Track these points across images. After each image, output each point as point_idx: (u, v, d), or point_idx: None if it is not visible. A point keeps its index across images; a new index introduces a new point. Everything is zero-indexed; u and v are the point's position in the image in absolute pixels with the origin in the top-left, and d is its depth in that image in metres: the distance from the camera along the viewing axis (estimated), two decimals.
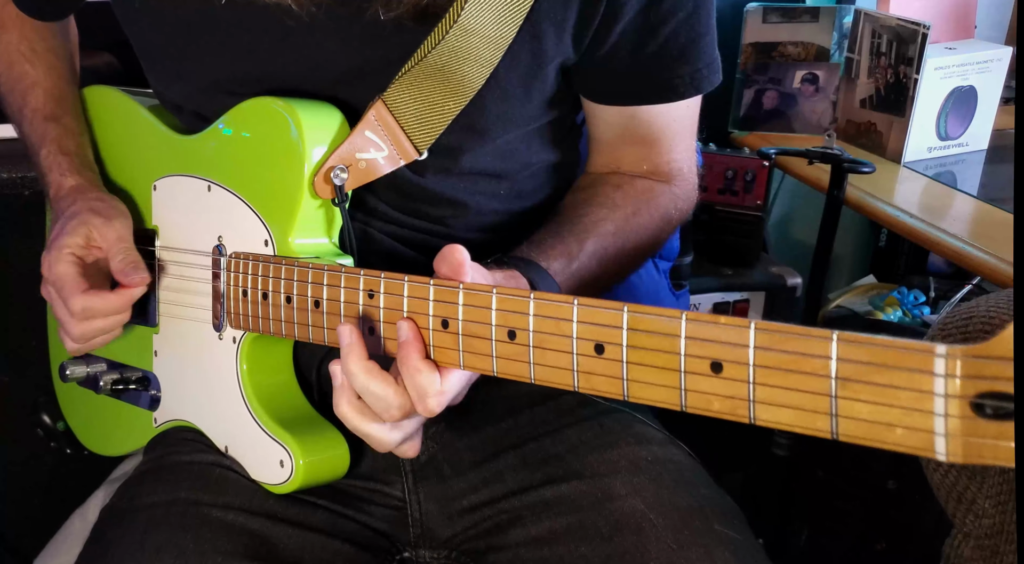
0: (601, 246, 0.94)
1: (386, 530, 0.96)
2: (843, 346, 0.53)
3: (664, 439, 0.96)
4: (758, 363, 0.56)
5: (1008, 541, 1.18)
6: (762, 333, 0.56)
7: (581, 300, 0.65)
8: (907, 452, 0.51)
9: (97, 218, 0.96)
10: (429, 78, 0.87)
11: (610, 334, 0.63)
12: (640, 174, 1.01)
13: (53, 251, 0.95)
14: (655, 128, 0.99)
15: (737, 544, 0.83)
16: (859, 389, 0.53)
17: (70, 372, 1.05)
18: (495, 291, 0.69)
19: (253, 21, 0.88)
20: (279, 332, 0.87)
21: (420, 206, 0.96)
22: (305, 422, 0.93)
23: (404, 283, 0.75)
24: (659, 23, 0.91)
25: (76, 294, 0.93)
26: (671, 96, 0.97)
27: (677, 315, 0.60)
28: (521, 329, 0.68)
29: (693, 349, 0.59)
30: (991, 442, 0.48)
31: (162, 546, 0.84)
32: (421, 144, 0.89)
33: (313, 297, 0.82)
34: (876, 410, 0.52)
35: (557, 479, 0.90)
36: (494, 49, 0.86)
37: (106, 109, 1.10)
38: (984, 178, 1.84)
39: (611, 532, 0.84)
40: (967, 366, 0.49)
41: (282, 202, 0.89)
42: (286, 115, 0.87)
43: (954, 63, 1.80)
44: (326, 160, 0.87)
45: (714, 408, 0.59)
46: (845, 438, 0.54)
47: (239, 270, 0.91)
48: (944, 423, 0.49)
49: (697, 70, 0.96)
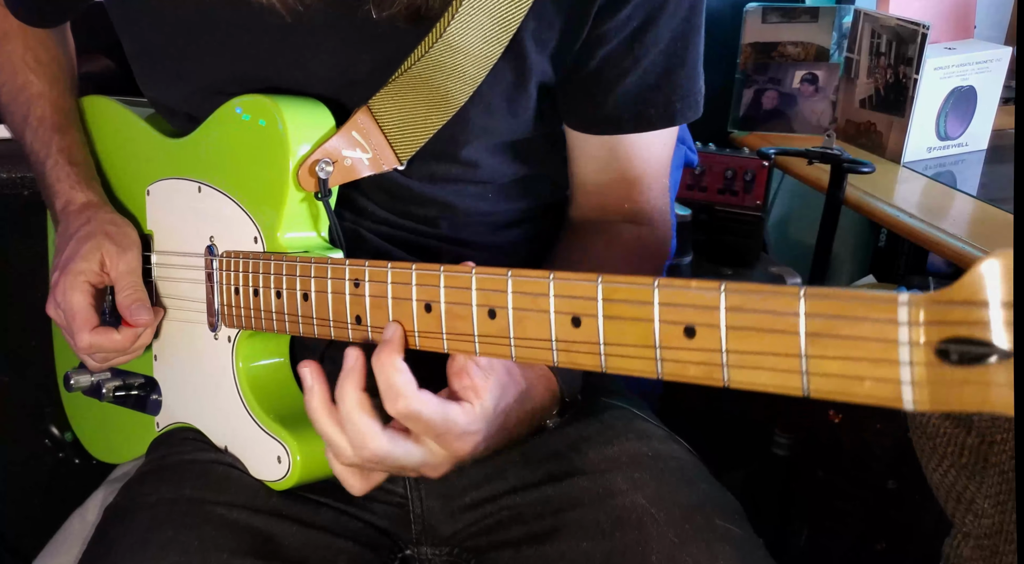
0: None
1: (388, 528, 0.96)
2: (810, 301, 0.53)
3: (665, 435, 0.96)
4: (730, 324, 0.56)
5: (1008, 541, 1.18)
6: (733, 294, 0.56)
7: (557, 274, 0.65)
8: (876, 403, 0.50)
9: (111, 245, 0.96)
10: (413, 90, 0.87)
11: (586, 306, 0.63)
12: (624, 216, 1.01)
13: (68, 276, 0.95)
14: (635, 163, 0.99)
15: (738, 539, 0.84)
16: (828, 344, 0.52)
17: (74, 382, 1.05)
18: (474, 271, 0.69)
19: (252, 22, 0.88)
20: (271, 327, 0.87)
21: (409, 207, 0.96)
22: (302, 418, 0.93)
23: (387, 270, 0.75)
24: (642, 53, 0.92)
25: (84, 331, 0.94)
26: (645, 126, 0.97)
27: (649, 282, 0.60)
28: (500, 307, 0.68)
29: (666, 315, 0.59)
30: (957, 388, 0.47)
31: (166, 544, 0.84)
32: (403, 154, 0.90)
33: (302, 290, 0.83)
34: (845, 364, 0.52)
35: (559, 476, 0.90)
36: (479, 67, 0.87)
37: (102, 119, 1.11)
38: (984, 178, 1.84)
39: (612, 528, 0.84)
40: (930, 312, 0.48)
41: (269, 198, 0.89)
42: (271, 108, 0.87)
43: (954, 63, 1.80)
44: (312, 153, 0.87)
45: (689, 374, 0.59)
46: (816, 395, 0.53)
47: (230, 269, 0.91)
48: (910, 371, 0.49)
49: (671, 102, 0.96)
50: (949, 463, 1.25)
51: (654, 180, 1.02)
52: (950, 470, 1.25)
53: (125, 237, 0.98)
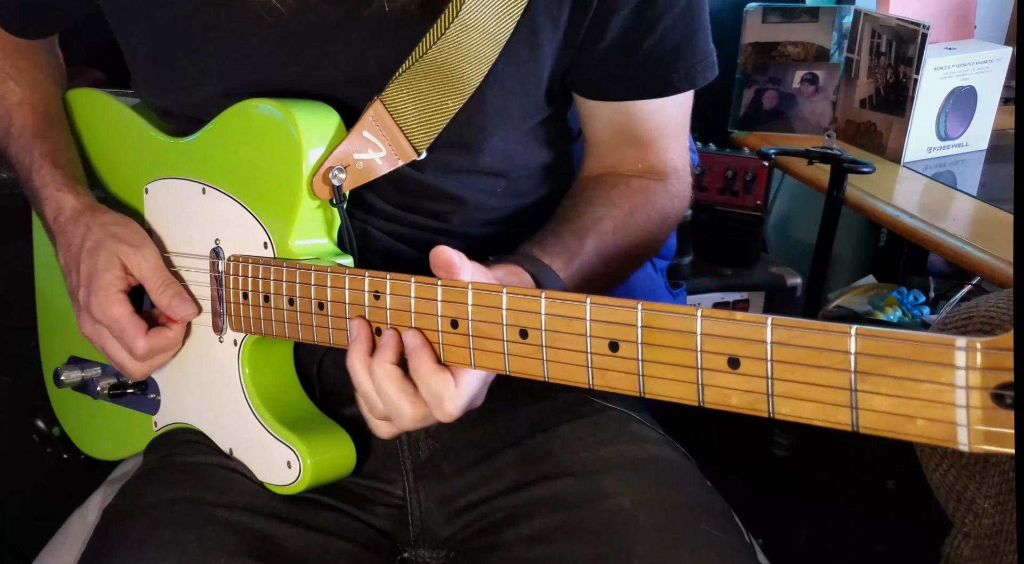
0: (602, 243, 0.94)
1: (388, 530, 0.96)
2: (862, 340, 0.54)
3: (659, 438, 0.96)
4: (776, 358, 0.57)
5: (1008, 541, 1.18)
6: (779, 329, 0.57)
7: (594, 298, 0.65)
8: (928, 442, 0.52)
9: (124, 246, 0.94)
10: (428, 77, 0.86)
11: (624, 332, 0.64)
12: (636, 173, 1.01)
13: (99, 293, 0.93)
14: (650, 126, 0.99)
15: (723, 544, 0.84)
16: (878, 382, 0.53)
17: (64, 377, 1.04)
18: (505, 290, 0.69)
19: (251, 23, 0.87)
20: (282, 334, 0.87)
21: (419, 202, 0.96)
22: (309, 422, 0.93)
23: (411, 284, 0.75)
24: (656, 18, 0.92)
25: (139, 337, 0.93)
26: (667, 90, 0.97)
27: (692, 312, 0.61)
28: (533, 328, 0.68)
29: (709, 345, 0.60)
30: (1011, 431, 0.49)
31: (165, 544, 0.84)
32: (420, 144, 0.89)
33: (317, 299, 0.82)
34: (896, 402, 0.53)
35: (551, 476, 0.90)
36: (492, 45, 0.86)
37: (90, 111, 1.09)
38: (984, 178, 1.84)
39: (600, 530, 0.84)
40: (987, 358, 0.50)
41: (281, 204, 0.88)
42: (283, 116, 0.87)
43: (954, 63, 1.80)
44: (324, 161, 0.86)
45: (732, 403, 0.60)
46: (866, 430, 0.55)
47: (239, 273, 0.90)
48: (966, 414, 0.51)
49: (692, 65, 0.96)
50: (949, 463, 1.25)
51: (671, 140, 1.01)
52: (950, 470, 1.25)
53: (134, 234, 0.96)
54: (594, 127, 1.01)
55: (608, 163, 1.02)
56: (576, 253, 0.91)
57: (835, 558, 1.78)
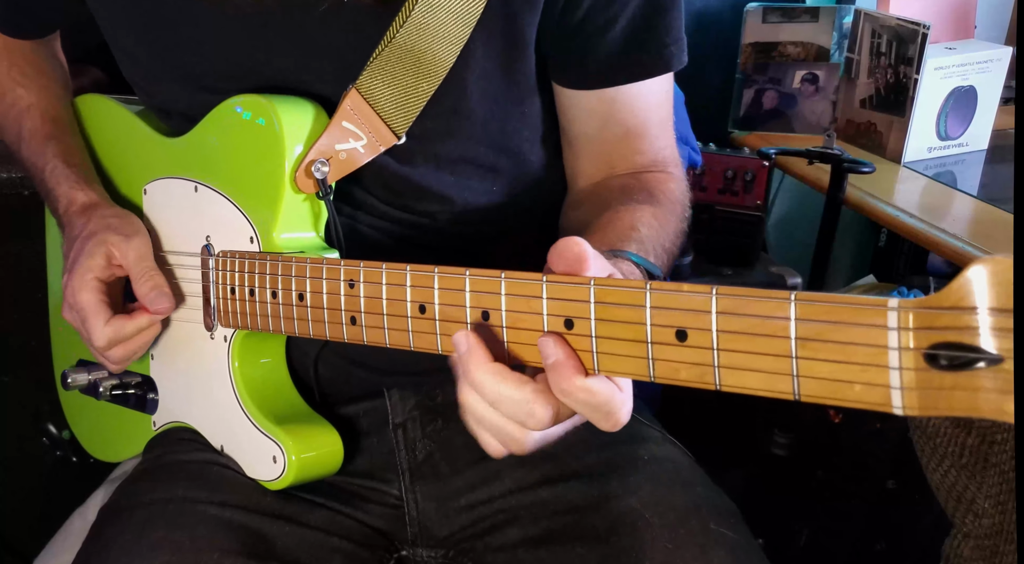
0: (652, 239, 0.88)
1: (383, 528, 0.96)
2: (801, 306, 0.53)
3: (661, 439, 0.96)
4: (721, 328, 0.57)
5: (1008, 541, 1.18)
6: (724, 298, 0.57)
7: (549, 276, 0.65)
8: (865, 407, 0.51)
9: (115, 235, 0.95)
10: (400, 61, 0.86)
11: (578, 309, 0.64)
12: (636, 169, 0.99)
13: (76, 277, 0.94)
14: (638, 114, 0.98)
15: (733, 543, 0.83)
16: (818, 348, 0.53)
17: (72, 380, 1.05)
18: (468, 273, 0.70)
19: (217, 15, 0.88)
20: (267, 327, 0.87)
21: (407, 200, 0.96)
22: (298, 418, 0.94)
23: (382, 271, 0.75)
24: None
25: (100, 326, 0.93)
26: (648, 72, 0.95)
27: (642, 285, 0.60)
28: (494, 309, 0.68)
29: (658, 319, 0.60)
30: (946, 393, 0.48)
31: (158, 543, 0.84)
32: (398, 128, 0.89)
33: (297, 290, 0.83)
34: (835, 368, 0.52)
35: (554, 479, 0.90)
36: (462, 25, 0.86)
37: (96, 117, 1.10)
38: (984, 178, 1.84)
39: (607, 532, 0.84)
40: (919, 318, 0.49)
41: (265, 198, 0.89)
42: (265, 111, 0.87)
43: (954, 63, 1.80)
44: (306, 154, 0.87)
45: (681, 376, 0.59)
46: (807, 398, 0.54)
47: (226, 268, 0.91)
48: (900, 376, 0.50)
49: (666, 46, 0.95)
50: (949, 463, 1.25)
51: (660, 129, 1.00)
52: (950, 470, 1.25)
53: (129, 225, 0.96)
54: (580, 119, 0.99)
55: (603, 162, 1.00)
56: (644, 250, 0.86)
57: (835, 558, 1.78)
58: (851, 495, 1.74)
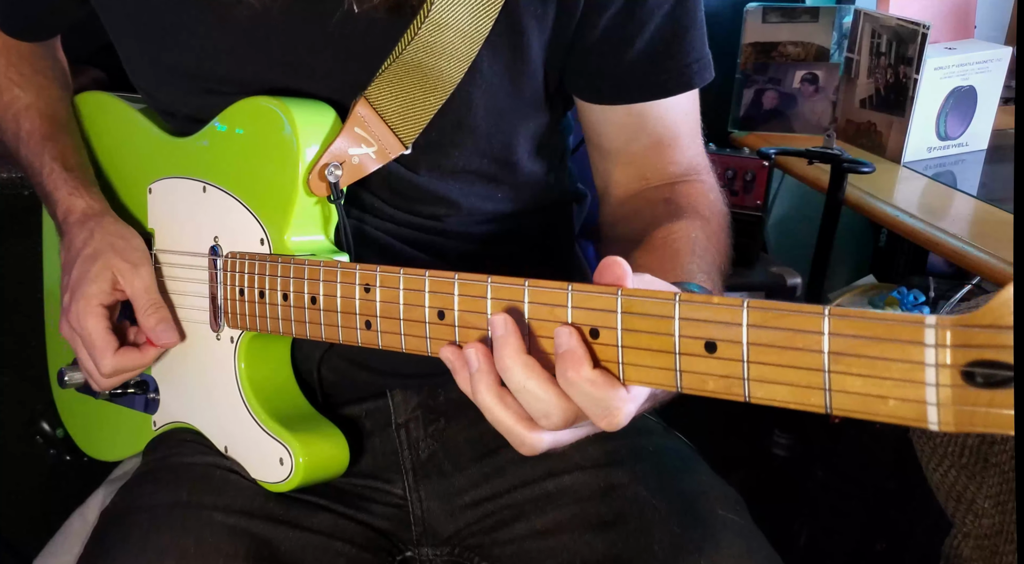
0: (706, 260, 0.88)
1: (388, 529, 0.96)
2: (835, 321, 0.54)
3: (663, 430, 0.97)
4: (751, 341, 0.57)
5: (1008, 541, 1.18)
6: (755, 311, 0.57)
7: (575, 285, 0.65)
8: (900, 423, 0.51)
9: (121, 262, 0.95)
10: (408, 75, 0.87)
11: (605, 318, 0.63)
12: (671, 180, 0.98)
13: (80, 301, 0.94)
14: (669, 124, 0.97)
15: (740, 527, 0.84)
16: (851, 363, 0.53)
17: (68, 378, 1.05)
18: (490, 280, 0.69)
19: (232, 20, 0.88)
20: (277, 330, 0.87)
21: (414, 204, 0.96)
22: (304, 420, 0.94)
23: (400, 276, 0.75)
24: (646, 16, 0.91)
25: (108, 355, 0.94)
26: (668, 91, 0.95)
27: (670, 297, 0.60)
28: (516, 317, 0.68)
29: (687, 330, 0.60)
30: (983, 410, 0.48)
31: (164, 549, 0.84)
32: (406, 138, 0.89)
33: (310, 293, 0.83)
34: (868, 383, 0.52)
35: (558, 471, 0.91)
36: (470, 43, 0.86)
37: (99, 114, 1.10)
38: (984, 178, 1.83)
39: (615, 519, 0.85)
40: (957, 335, 0.49)
41: (277, 200, 0.89)
42: (280, 113, 0.87)
43: (954, 63, 1.80)
44: (320, 157, 0.87)
45: (709, 388, 0.59)
46: (839, 412, 0.54)
47: (235, 270, 0.91)
48: (936, 393, 0.50)
49: (687, 65, 0.94)
50: (949, 463, 1.25)
51: (690, 139, 0.99)
52: (950, 470, 1.25)
53: (134, 251, 0.96)
54: (610, 132, 0.99)
55: (636, 172, 0.99)
56: (701, 274, 0.85)
57: (835, 558, 1.78)
58: (851, 495, 1.74)
